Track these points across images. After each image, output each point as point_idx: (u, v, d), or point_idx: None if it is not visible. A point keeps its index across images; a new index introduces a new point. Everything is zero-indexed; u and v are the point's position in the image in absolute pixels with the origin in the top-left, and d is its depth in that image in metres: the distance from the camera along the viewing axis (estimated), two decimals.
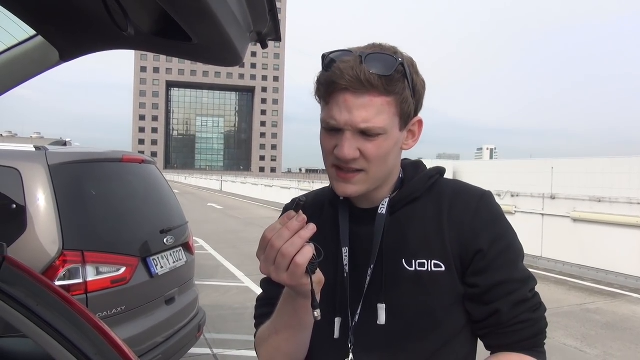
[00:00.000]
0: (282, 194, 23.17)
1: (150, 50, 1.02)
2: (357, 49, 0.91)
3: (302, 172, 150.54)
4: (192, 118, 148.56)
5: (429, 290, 0.94)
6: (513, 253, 0.96)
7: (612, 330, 5.30)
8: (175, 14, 0.77)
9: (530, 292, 0.94)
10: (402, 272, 0.95)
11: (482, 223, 0.95)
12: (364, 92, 0.87)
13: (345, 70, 0.86)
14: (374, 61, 0.87)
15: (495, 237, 0.94)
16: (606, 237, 8.08)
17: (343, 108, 0.88)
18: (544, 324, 0.95)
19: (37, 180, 2.59)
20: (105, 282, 2.66)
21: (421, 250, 0.95)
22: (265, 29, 0.99)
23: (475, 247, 0.93)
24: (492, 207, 0.97)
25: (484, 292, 0.93)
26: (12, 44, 1.04)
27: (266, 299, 1.07)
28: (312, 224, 0.82)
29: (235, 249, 10.11)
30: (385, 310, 0.94)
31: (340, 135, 0.90)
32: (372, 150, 0.90)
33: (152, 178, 3.60)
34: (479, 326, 0.96)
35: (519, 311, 0.92)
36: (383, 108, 0.88)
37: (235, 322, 5.26)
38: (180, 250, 3.46)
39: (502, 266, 0.93)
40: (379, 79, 0.86)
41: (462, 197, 0.98)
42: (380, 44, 0.93)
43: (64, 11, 0.93)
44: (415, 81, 0.92)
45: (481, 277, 0.93)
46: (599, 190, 21.14)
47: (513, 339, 0.93)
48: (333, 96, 0.89)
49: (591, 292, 7.12)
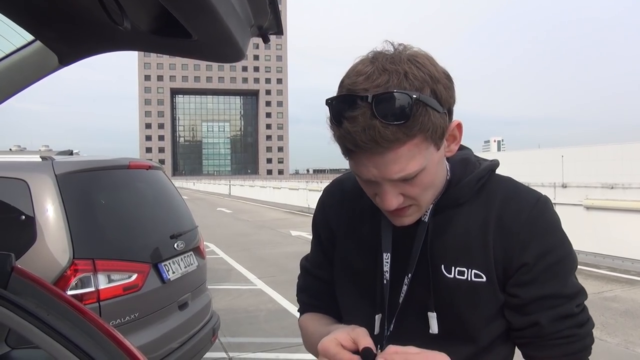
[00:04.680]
0: (290, 195, 23.18)
1: (150, 49, 1.00)
2: (361, 81, 0.77)
3: (310, 173, 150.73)
4: (198, 124, 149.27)
5: (466, 300, 0.88)
6: (563, 267, 0.88)
7: (632, 318, 5.24)
8: (173, 9, 0.75)
9: (577, 308, 0.88)
10: (441, 278, 0.89)
11: (532, 234, 0.87)
12: (385, 151, 0.77)
13: (356, 135, 0.75)
14: (385, 106, 0.74)
15: (545, 250, 0.87)
16: (620, 223, 7.98)
17: (370, 167, 0.80)
18: (589, 341, 0.89)
19: (45, 191, 2.58)
20: (117, 289, 2.65)
21: (462, 257, 0.89)
22: (266, 23, 0.97)
23: (520, 260, 0.86)
24: (546, 216, 0.89)
25: (524, 304, 0.87)
26: (10, 50, 1.02)
27: (306, 289, 1.13)
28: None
29: (246, 252, 10.11)
30: (436, 319, 0.90)
31: (377, 185, 0.83)
32: (416, 191, 0.83)
33: (160, 183, 3.59)
34: (518, 335, 0.91)
35: (563, 326, 0.86)
36: (412, 152, 0.78)
37: (250, 325, 5.24)
38: (191, 254, 3.45)
39: (548, 280, 0.87)
40: (397, 130, 0.74)
41: (513, 202, 0.89)
42: (383, 60, 0.79)
43: (62, 14, 0.91)
44: (439, 93, 0.78)
45: (523, 290, 0.87)
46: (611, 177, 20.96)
47: (553, 353, 0.88)
48: (353, 158, 0.81)
49: (608, 280, 7.03)
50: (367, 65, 0.79)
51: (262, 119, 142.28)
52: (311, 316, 1.10)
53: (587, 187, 8.65)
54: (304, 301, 1.13)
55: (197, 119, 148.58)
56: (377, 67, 0.78)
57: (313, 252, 1.11)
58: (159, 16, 0.87)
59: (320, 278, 1.08)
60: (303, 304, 1.13)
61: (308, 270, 1.12)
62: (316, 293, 1.09)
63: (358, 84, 0.78)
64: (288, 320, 5.32)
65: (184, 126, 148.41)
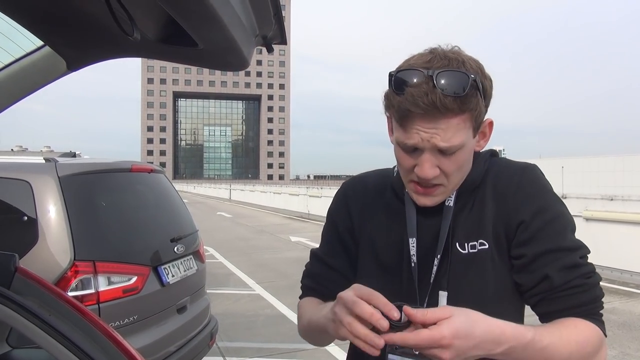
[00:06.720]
0: (291, 200, 23.15)
1: (156, 57, 1.02)
2: (421, 63, 0.89)
3: (310, 179, 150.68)
4: (200, 128, 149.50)
5: (477, 271, 0.95)
6: (559, 223, 0.94)
7: (629, 330, 5.22)
8: (180, 19, 0.77)
9: (581, 259, 0.93)
10: (457, 256, 0.97)
11: (525, 195, 0.95)
12: (440, 116, 0.86)
13: (419, 97, 0.85)
14: (446, 81, 0.85)
15: (538, 208, 0.94)
16: (620, 235, 7.97)
17: (421, 131, 0.88)
18: (599, 292, 0.94)
19: (48, 192, 2.60)
20: (117, 291, 2.66)
21: (472, 233, 0.97)
22: (271, 33, 0.99)
23: (517, 219, 0.94)
24: (536, 180, 0.97)
25: (530, 261, 0.93)
26: (20, 55, 1.04)
27: (313, 275, 1.14)
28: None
29: (245, 257, 10.10)
30: (446, 298, 0.95)
31: (419, 155, 0.91)
32: (451, 166, 0.92)
33: (162, 187, 3.61)
34: (530, 294, 0.95)
35: (571, 276, 0.91)
36: (459, 126, 0.88)
37: (248, 330, 5.24)
38: (191, 258, 3.46)
39: (548, 236, 0.93)
40: (454, 101, 0.85)
41: (505, 172, 0.99)
42: (442, 51, 0.91)
43: (71, 21, 0.93)
44: (486, 87, 0.91)
45: (526, 247, 0.93)
46: (611, 188, 20.93)
47: (567, 304, 0.91)
48: (408, 121, 0.88)
49: (606, 291, 6.93)
50: (426, 55, 0.91)
51: (264, 123, 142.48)
52: (311, 300, 1.12)
53: (587, 199, 8.64)
54: (308, 285, 1.14)
55: (199, 123, 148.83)
56: (438, 54, 0.90)
57: (327, 241, 1.15)
58: (166, 25, 0.89)
59: (331, 266, 1.11)
60: (306, 287, 1.15)
61: (319, 258, 1.14)
62: (323, 280, 1.11)
63: (420, 64, 0.88)
64: (286, 326, 5.31)
65: (185, 130, 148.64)
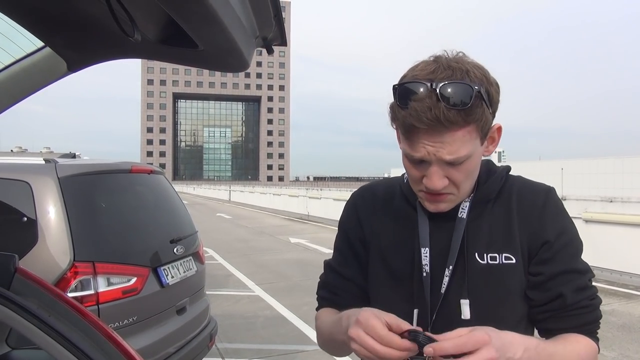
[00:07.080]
0: (290, 202, 23.15)
1: (156, 58, 1.02)
2: (424, 74, 0.88)
3: (310, 180, 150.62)
4: (200, 129, 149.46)
5: (499, 282, 0.98)
6: (575, 247, 1.01)
7: (629, 332, 5.23)
8: (181, 20, 0.77)
9: (589, 282, 1.00)
10: (475, 265, 0.98)
11: (549, 216, 1.00)
12: (444, 130, 0.87)
13: (422, 112, 0.85)
14: (450, 93, 0.85)
15: (560, 229, 1.00)
16: (619, 237, 7.97)
17: (427, 145, 0.89)
18: (600, 313, 1.00)
19: (47, 193, 2.60)
20: (116, 292, 2.66)
21: (493, 245, 0.99)
22: (271, 34, 0.99)
23: (543, 238, 0.98)
24: (557, 202, 1.03)
25: (547, 279, 0.97)
26: (21, 55, 1.04)
27: (328, 285, 1.15)
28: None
29: (245, 258, 10.10)
30: (468, 305, 0.97)
31: (427, 167, 0.92)
32: (460, 176, 0.93)
33: (161, 188, 3.61)
34: (541, 310, 0.99)
35: (581, 297, 0.97)
36: (465, 138, 0.89)
37: (247, 331, 5.24)
38: (191, 259, 3.46)
39: (565, 257, 0.99)
40: (458, 114, 0.85)
41: (529, 192, 1.03)
42: (446, 60, 0.90)
43: (71, 22, 0.93)
44: (491, 94, 0.91)
45: (545, 266, 0.98)
46: (610, 190, 20.95)
47: (574, 323, 0.97)
48: (413, 135, 0.89)
49: (606, 293, 7.02)
50: (430, 64, 0.91)
51: (264, 125, 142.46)
52: (329, 310, 1.13)
53: (586, 200, 8.64)
54: (323, 296, 1.16)
55: (199, 124, 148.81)
56: (441, 64, 0.90)
57: (339, 252, 1.16)
58: (167, 26, 0.89)
59: (345, 276, 1.12)
60: (322, 299, 1.17)
61: (332, 268, 1.16)
62: (338, 290, 1.13)
63: (424, 75, 0.88)
64: (285, 327, 5.31)
65: (185, 131, 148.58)
